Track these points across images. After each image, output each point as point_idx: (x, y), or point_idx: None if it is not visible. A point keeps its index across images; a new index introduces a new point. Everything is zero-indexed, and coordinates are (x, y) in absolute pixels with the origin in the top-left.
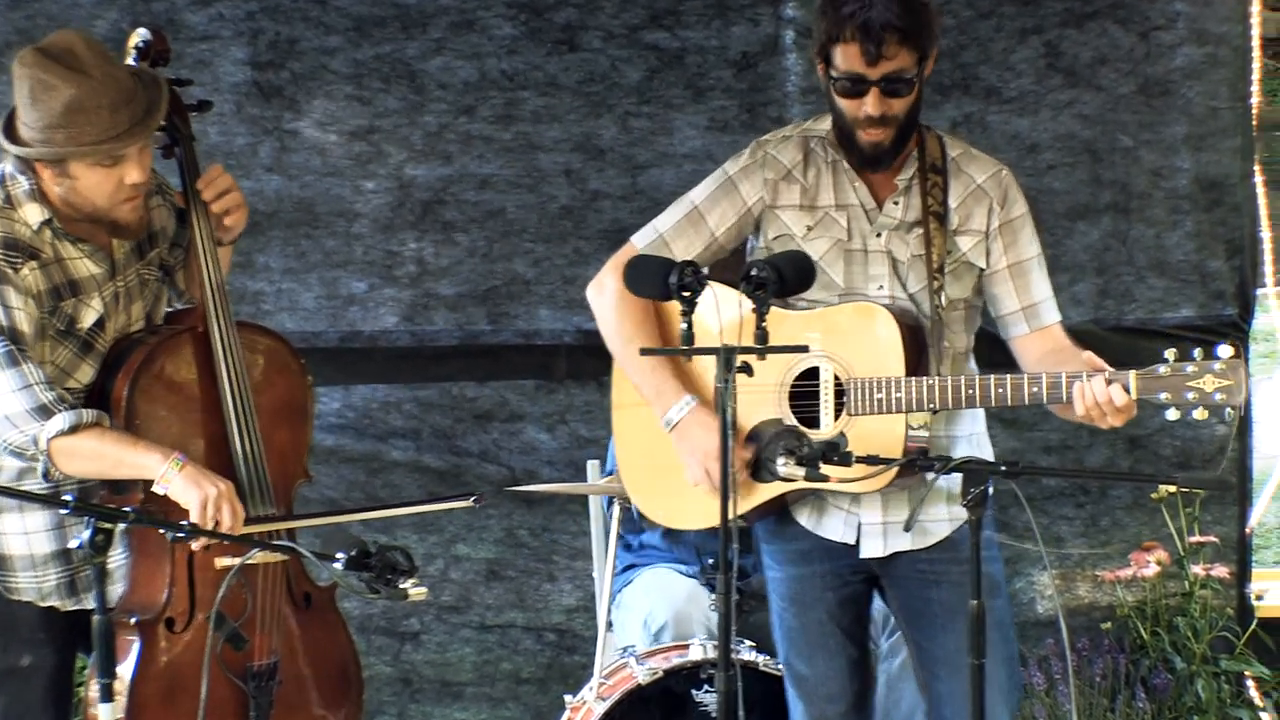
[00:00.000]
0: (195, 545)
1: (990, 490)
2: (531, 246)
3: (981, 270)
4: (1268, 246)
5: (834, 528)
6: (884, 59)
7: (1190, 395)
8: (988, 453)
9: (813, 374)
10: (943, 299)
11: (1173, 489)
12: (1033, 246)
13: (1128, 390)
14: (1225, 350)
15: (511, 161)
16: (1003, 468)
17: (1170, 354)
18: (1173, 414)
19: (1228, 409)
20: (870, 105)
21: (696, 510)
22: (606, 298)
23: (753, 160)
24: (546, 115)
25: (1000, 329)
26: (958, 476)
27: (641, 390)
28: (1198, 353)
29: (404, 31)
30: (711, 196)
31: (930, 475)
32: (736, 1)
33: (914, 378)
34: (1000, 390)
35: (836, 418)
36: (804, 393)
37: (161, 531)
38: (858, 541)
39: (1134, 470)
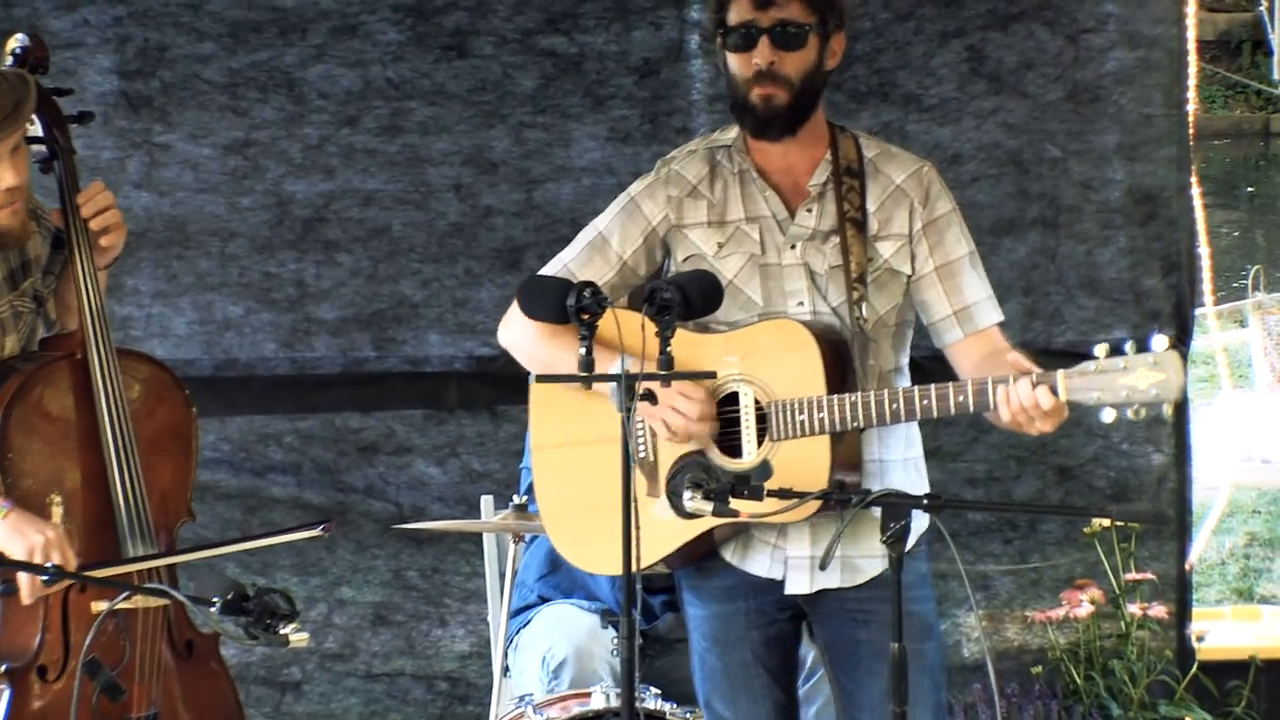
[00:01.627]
0: (24, 596)
1: (925, 525)
2: (419, 267)
3: (908, 278)
4: (1206, 263)
5: (760, 563)
6: (775, 4)
7: (1124, 393)
8: (923, 478)
9: (734, 399)
10: (864, 311)
11: (1107, 523)
12: (961, 245)
13: (1055, 392)
14: (1159, 341)
15: (398, 176)
16: (924, 501)
17: (1100, 350)
18: (1108, 415)
19: (1164, 405)
20: (760, 54)
21: (616, 553)
22: (515, 327)
23: (655, 178)
24: (435, 126)
25: (934, 338)
26: None
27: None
28: (1129, 346)
29: (282, 38)
30: (614, 220)
31: (848, 510)
32: (638, 4)
33: (835, 395)
34: (925, 402)
35: (760, 444)
36: (727, 419)
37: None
38: (784, 577)
39: (1065, 503)
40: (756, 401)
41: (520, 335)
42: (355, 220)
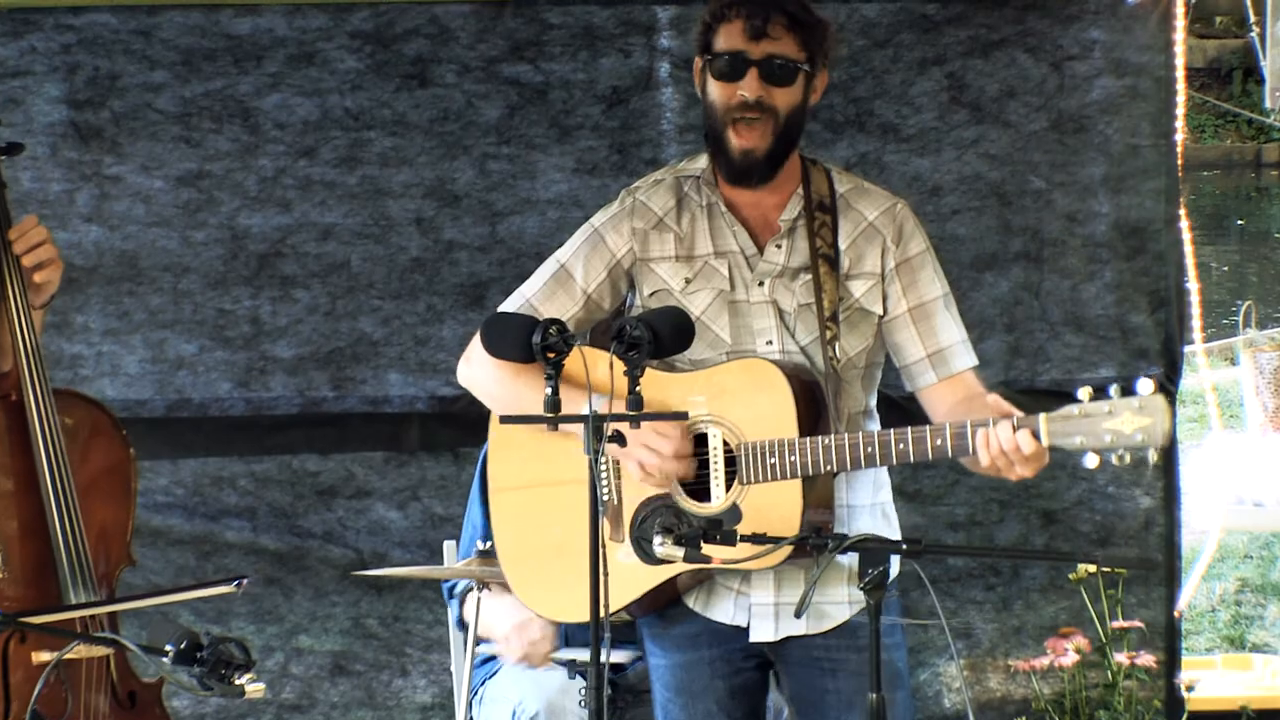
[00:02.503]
0: None
1: (896, 571)
2: (379, 304)
3: (879, 318)
4: (1195, 299)
5: (724, 610)
6: (768, 37)
7: (1108, 438)
8: (893, 524)
9: (703, 441)
10: (837, 350)
11: (1093, 568)
12: (935, 286)
13: (1037, 436)
14: (1145, 385)
15: (357, 209)
16: (904, 546)
17: (1084, 393)
18: (1091, 460)
19: (1149, 450)
20: (747, 87)
21: (581, 601)
22: (477, 366)
23: (620, 209)
24: (395, 158)
25: (906, 381)
26: (857, 555)
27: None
28: (1114, 390)
29: (236, 65)
30: (577, 252)
31: (824, 555)
32: (606, 31)
33: (808, 438)
34: (901, 446)
35: (729, 488)
36: (696, 461)
37: None
38: (749, 624)
39: (1050, 548)
40: (725, 443)
41: (482, 374)
42: (313, 255)
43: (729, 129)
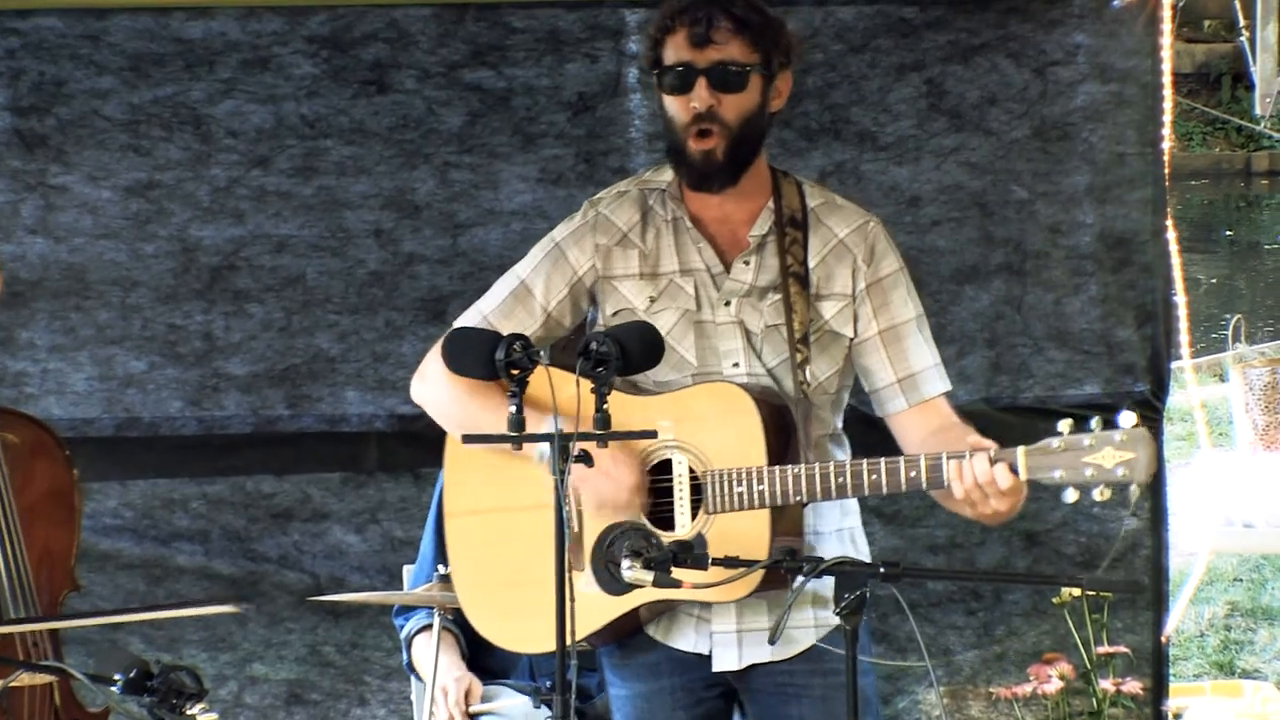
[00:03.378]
0: None
1: (868, 595)
2: (336, 319)
3: (849, 340)
4: (1183, 313)
5: (685, 638)
6: (713, 43)
7: (1088, 472)
8: (863, 550)
9: (667, 467)
10: (807, 374)
11: (1077, 592)
12: (908, 308)
13: (1015, 469)
14: (1127, 418)
15: (313, 220)
16: (882, 569)
17: (1064, 425)
18: (1070, 495)
19: (1132, 485)
20: (698, 97)
21: (542, 631)
22: (431, 385)
23: (583, 222)
24: (353, 167)
25: (875, 406)
26: (826, 579)
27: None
28: (1095, 423)
29: (188, 71)
30: (538, 267)
31: (799, 579)
32: (571, 36)
33: (777, 467)
34: (874, 477)
35: (695, 516)
36: (659, 489)
37: None
38: (711, 652)
39: (1033, 571)
40: (691, 470)
41: (437, 392)
42: (267, 268)
43: (687, 141)
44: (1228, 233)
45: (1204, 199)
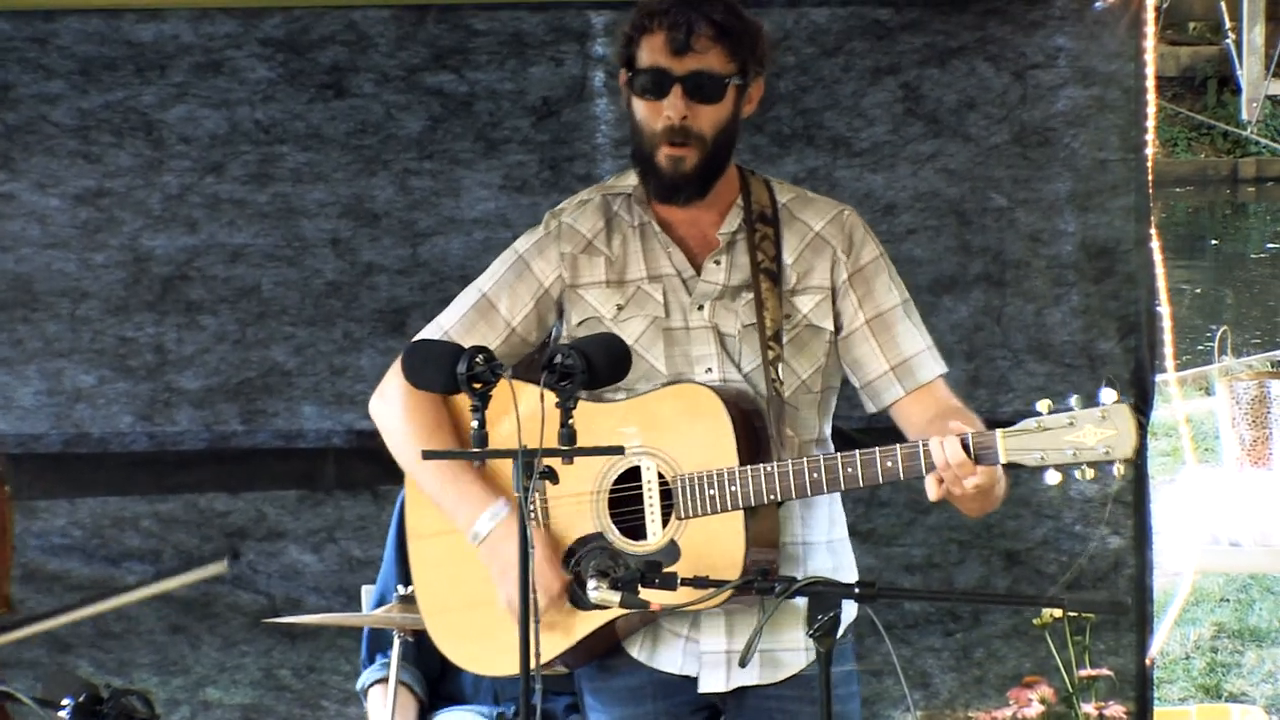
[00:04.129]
0: None
1: (853, 615)
2: (293, 331)
3: (831, 336)
4: (1168, 324)
5: (671, 659)
6: (693, 51)
7: (1070, 452)
8: (849, 563)
9: (636, 474)
10: (779, 373)
11: (1059, 613)
12: (893, 293)
13: (994, 455)
14: (1108, 395)
15: (268, 229)
16: (857, 589)
17: (1043, 406)
18: (1052, 477)
19: (1115, 464)
20: (672, 106)
21: (511, 652)
22: (391, 405)
23: (546, 233)
24: (309, 174)
25: (872, 400)
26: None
27: (441, 504)
28: (1074, 400)
29: (139, 75)
30: (501, 280)
31: (771, 599)
32: (536, 38)
33: (749, 466)
34: (850, 470)
35: (666, 524)
36: (628, 497)
37: None
38: (698, 674)
39: (1013, 591)
40: (660, 476)
41: (394, 419)
42: (221, 279)
43: (657, 151)
44: (1213, 242)
45: (1189, 207)
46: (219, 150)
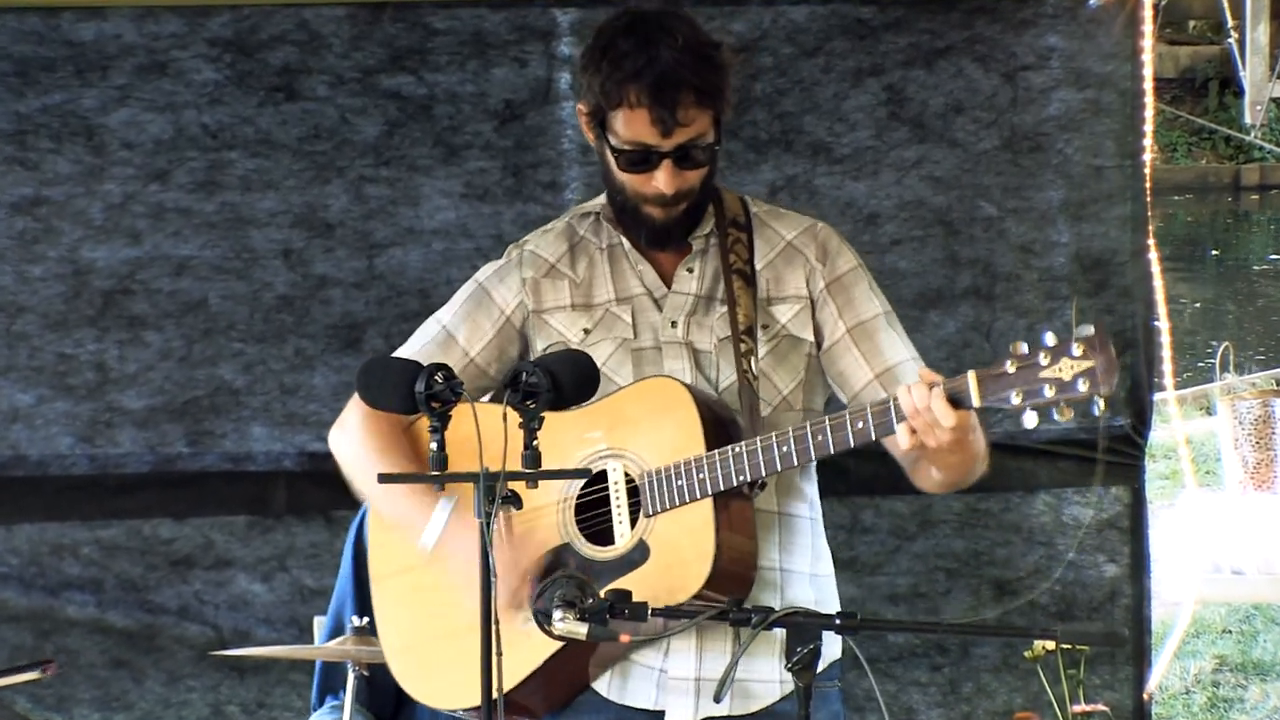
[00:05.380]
0: None
1: (837, 653)
2: (241, 347)
3: (811, 348)
4: (1166, 340)
5: (643, 693)
6: (680, 126)
7: (1047, 390)
8: (832, 600)
9: (604, 476)
10: (753, 365)
11: (1052, 645)
12: (874, 303)
13: (967, 398)
14: (1084, 329)
15: (215, 240)
16: (838, 620)
17: (1016, 347)
18: (1030, 419)
19: (1096, 400)
20: (662, 181)
21: (472, 687)
22: (349, 433)
23: (507, 261)
24: (259, 181)
25: None
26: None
27: (398, 520)
28: (1049, 336)
29: (79, 77)
30: (460, 311)
31: (747, 631)
32: (498, 38)
33: (716, 450)
34: (820, 437)
35: (635, 523)
36: (596, 500)
37: None
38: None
39: (1003, 623)
40: (627, 476)
41: (354, 439)
42: (165, 292)
43: (643, 206)
44: (1214, 252)
45: (1189, 215)
46: (164, 156)
